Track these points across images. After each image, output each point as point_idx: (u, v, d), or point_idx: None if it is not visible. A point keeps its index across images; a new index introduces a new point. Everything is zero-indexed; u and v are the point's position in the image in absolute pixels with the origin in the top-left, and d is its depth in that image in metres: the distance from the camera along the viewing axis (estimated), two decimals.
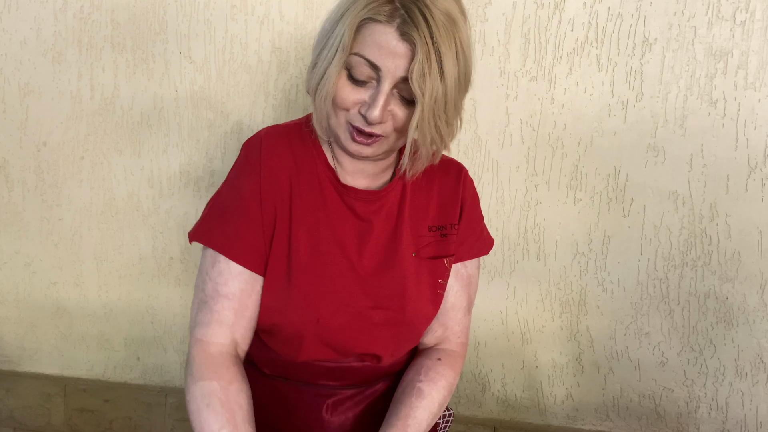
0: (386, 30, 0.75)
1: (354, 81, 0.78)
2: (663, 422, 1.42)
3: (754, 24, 1.22)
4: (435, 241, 0.92)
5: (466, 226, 0.94)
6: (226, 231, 0.85)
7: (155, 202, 1.47)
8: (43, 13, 1.41)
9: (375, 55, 0.75)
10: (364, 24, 0.76)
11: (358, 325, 0.87)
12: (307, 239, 0.86)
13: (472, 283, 0.97)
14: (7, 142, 1.49)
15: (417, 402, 0.87)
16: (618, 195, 1.33)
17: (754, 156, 1.27)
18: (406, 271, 0.89)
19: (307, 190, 0.87)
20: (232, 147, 1.42)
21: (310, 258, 0.86)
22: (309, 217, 0.87)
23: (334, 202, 0.88)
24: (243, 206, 0.85)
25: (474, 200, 0.97)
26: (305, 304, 0.85)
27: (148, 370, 1.58)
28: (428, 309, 0.92)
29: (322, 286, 0.86)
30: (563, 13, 1.27)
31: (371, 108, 0.77)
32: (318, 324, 0.85)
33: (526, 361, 1.44)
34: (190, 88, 1.40)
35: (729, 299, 1.34)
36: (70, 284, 1.55)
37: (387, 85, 0.76)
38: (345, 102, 0.79)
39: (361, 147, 0.81)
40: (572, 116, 1.31)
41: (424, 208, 0.92)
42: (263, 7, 1.34)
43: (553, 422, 1.47)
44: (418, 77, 0.74)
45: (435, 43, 0.73)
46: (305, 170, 0.88)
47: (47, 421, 1.62)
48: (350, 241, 0.88)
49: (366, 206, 0.89)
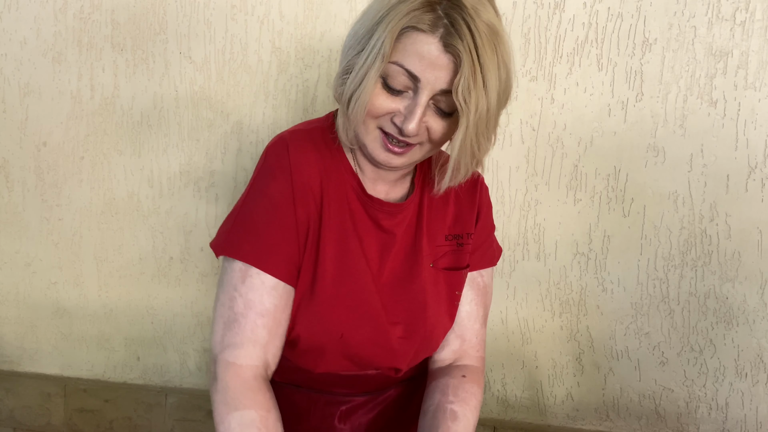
0: (429, 40, 0.71)
1: (389, 90, 0.74)
2: (663, 422, 1.42)
3: (754, 24, 1.22)
4: (451, 251, 0.90)
5: (479, 234, 0.93)
6: (257, 242, 0.79)
7: (155, 202, 1.47)
8: (43, 13, 1.41)
9: (416, 65, 0.71)
10: (404, 32, 0.71)
11: (381, 340, 0.86)
12: (335, 250, 0.82)
13: (488, 293, 0.95)
14: (7, 142, 1.49)
15: (454, 426, 0.83)
16: (618, 195, 1.33)
17: (754, 156, 1.27)
18: (425, 283, 0.87)
19: (336, 197, 0.83)
20: (232, 147, 1.42)
21: (336, 270, 0.83)
22: (337, 226, 0.83)
23: (358, 212, 0.84)
24: (275, 213, 0.80)
25: (489, 209, 0.95)
26: (329, 317, 0.82)
27: (148, 370, 1.58)
28: (446, 321, 0.90)
29: (348, 300, 0.83)
30: (563, 13, 1.27)
31: (407, 120, 0.73)
32: (341, 339, 0.83)
33: (526, 361, 1.44)
34: (190, 88, 1.40)
35: (729, 299, 1.34)
36: (70, 284, 1.55)
37: (425, 98, 0.73)
38: (379, 111, 0.75)
39: (390, 156, 0.78)
40: (572, 116, 1.31)
41: (442, 217, 0.89)
42: (263, 7, 1.34)
43: (553, 422, 1.47)
44: (463, 91, 0.70)
45: (480, 56, 0.70)
46: (332, 176, 0.84)
47: (47, 421, 1.62)
48: (373, 254, 0.85)
49: (389, 219, 0.86)
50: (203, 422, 1.56)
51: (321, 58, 1.35)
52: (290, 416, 0.93)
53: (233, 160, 1.42)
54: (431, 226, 0.89)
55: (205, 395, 1.55)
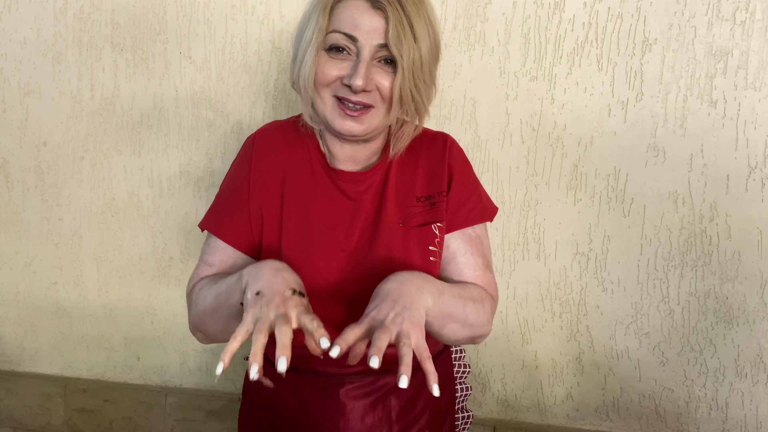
0: (358, 3, 0.81)
1: (335, 54, 0.82)
2: (663, 422, 1.42)
3: (754, 24, 1.22)
4: (424, 211, 0.93)
5: (459, 192, 0.94)
6: (218, 214, 0.94)
7: (155, 202, 1.47)
8: (43, 13, 1.41)
9: (350, 26, 0.80)
10: (336, 5, 0.82)
11: (352, 303, 0.89)
12: (298, 222, 0.91)
13: (484, 243, 0.96)
14: (7, 142, 1.49)
15: (457, 283, 0.89)
16: (618, 195, 1.33)
17: (754, 156, 1.27)
18: (392, 241, 0.90)
19: (299, 176, 0.92)
20: (232, 147, 1.42)
21: (300, 239, 0.90)
22: (301, 201, 0.91)
23: (324, 185, 0.92)
24: (232, 191, 0.94)
25: (465, 166, 0.97)
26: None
27: (148, 370, 1.58)
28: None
29: (312, 264, 0.89)
30: (563, 13, 1.27)
31: (354, 76, 0.80)
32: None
33: (526, 361, 1.44)
34: (190, 88, 1.40)
35: (729, 299, 1.34)
36: (70, 284, 1.55)
37: (366, 53, 0.81)
38: (327, 77, 0.83)
39: (351, 124, 0.84)
40: (572, 116, 1.31)
41: (411, 182, 0.93)
42: (263, 7, 1.34)
43: (553, 422, 1.47)
44: (394, 40, 0.79)
45: (405, 11, 0.80)
46: (298, 158, 0.93)
47: (47, 421, 1.62)
48: (342, 221, 0.91)
49: (355, 186, 0.92)
50: (203, 422, 1.56)
51: None
52: (294, 402, 0.93)
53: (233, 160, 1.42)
54: (400, 189, 0.93)
55: (205, 395, 1.55)
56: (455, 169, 0.95)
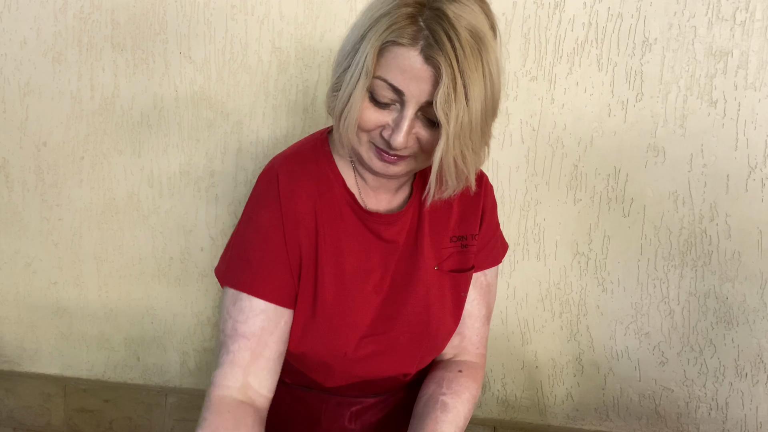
0: (410, 53, 0.70)
1: (377, 103, 0.75)
2: (663, 422, 1.42)
3: (754, 24, 1.22)
4: (456, 252, 0.90)
5: (485, 235, 0.93)
6: (247, 268, 0.81)
7: (155, 202, 1.47)
8: (43, 13, 1.41)
9: (398, 79, 0.71)
10: (386, 47, 0.71)
11: (386, 351, 0.87)
12: (333, 271, 0.84)
13: (491, 292, 0.96)
14: (7, 142, 1.49)
15: (443, 416, 0.84)
16: (618, 195, 1.33)
17: (754, 156, 1.27)
18: (429, 285, 0.88)
19: (330, 218, 0.84)
20: (232, 147, 1.42)
21: (336, 290, 0.84)
22: (334, 247, 0.84)
23: (356, 227, 0.85)
24: (264, 240, 0.82)
25: (493, 208, 0.95)
26: (331, 338, 0.84)
27: (148, 370, 1.58)
28: (450, 322, 0.91)
29: (348, 318, 0.84)
30: (563, 13, 1.27)
31: (395, 133, 0.73)
32: (345, 357, 0.85)
33: (526, 361, 1.44)
34: (190, 88, 1.40)
35: (729, 299, 1.34)
36: (70, 284, 1.55)
37: (411, 111, 0.73)
38: (368, 125, 0.76)
39: (387, 165, 0.78)
40: (572, 116, 1.31)
41: (445, 218, 0.90)
42: (263, 7, 1.34)
43: (553, 422, 1.47)
44: (442, 103, 0.69)
45: (461, 67, 0.69)
46: (326, 197, 0.85)
47: (47, 421, 1.62)
48: (376, 266, 0.86)
49: (389, 229, 0.86)
50: None
51: (321, 58, 1.35)
52: (302, 416, 0.94)
53: (233, 160, 1.42)
54: (434, 228, 0.89)
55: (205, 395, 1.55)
56: (487, 212, 0.93)
